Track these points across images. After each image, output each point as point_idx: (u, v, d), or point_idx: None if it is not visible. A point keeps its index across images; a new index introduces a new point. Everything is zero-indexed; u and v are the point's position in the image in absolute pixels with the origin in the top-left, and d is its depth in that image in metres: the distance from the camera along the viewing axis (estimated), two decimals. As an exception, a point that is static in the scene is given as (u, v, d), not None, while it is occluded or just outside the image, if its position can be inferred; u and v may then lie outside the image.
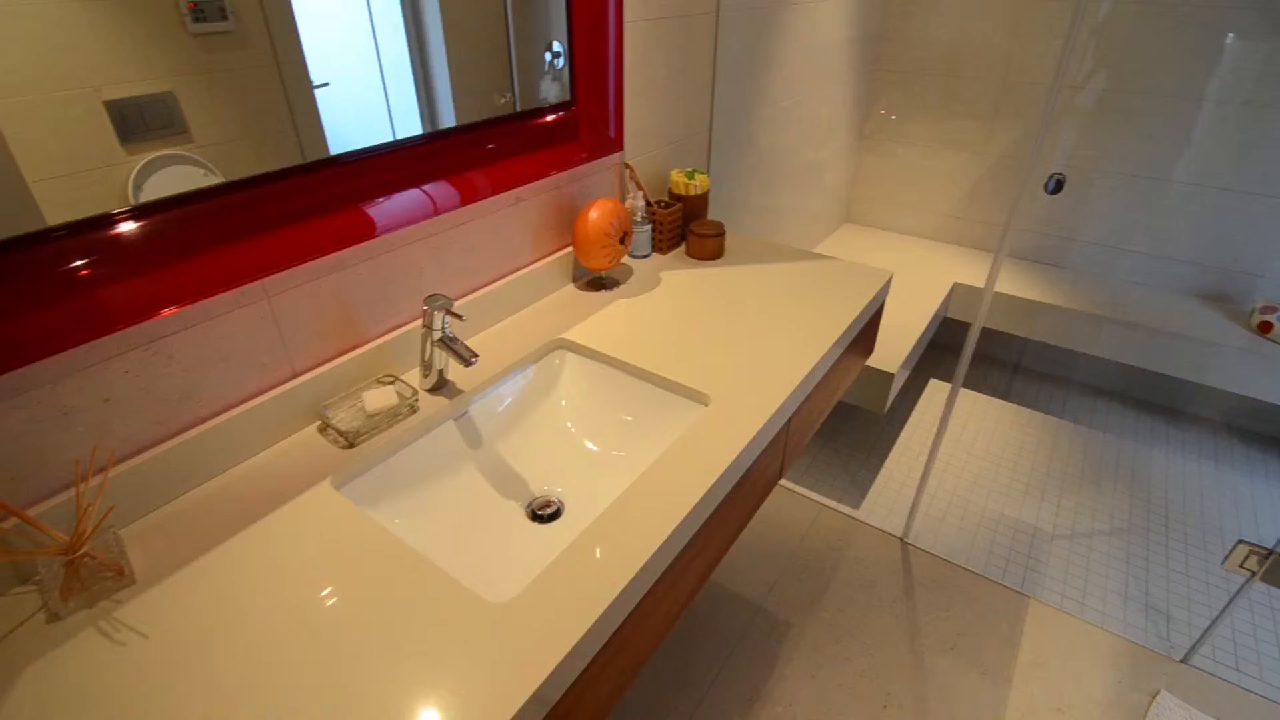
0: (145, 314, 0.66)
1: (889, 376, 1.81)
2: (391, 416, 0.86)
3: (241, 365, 0.79)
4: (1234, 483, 2.08)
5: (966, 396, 2.46)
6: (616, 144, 1.24)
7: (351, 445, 0.82)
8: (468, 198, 0.98)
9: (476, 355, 0.84)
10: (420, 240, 0.95)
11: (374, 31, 0.82)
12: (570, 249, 1.22)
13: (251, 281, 0.75)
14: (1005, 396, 2.47)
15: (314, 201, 0.79)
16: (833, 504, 1.97)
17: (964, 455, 2.17)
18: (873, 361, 1.84)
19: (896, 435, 2.27)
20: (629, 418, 0.99)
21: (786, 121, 1.91)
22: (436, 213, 0.94)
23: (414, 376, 0.97)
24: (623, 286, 1.22)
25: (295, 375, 0.85)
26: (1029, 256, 2.45)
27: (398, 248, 0.93)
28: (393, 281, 0.93)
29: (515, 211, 1.10)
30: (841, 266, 1.30)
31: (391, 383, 0.91)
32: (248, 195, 0.73)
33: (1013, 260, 2.45)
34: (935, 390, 2.51)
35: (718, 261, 1.32)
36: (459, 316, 0.85)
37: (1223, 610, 1.49)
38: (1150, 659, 1.55)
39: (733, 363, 0.99)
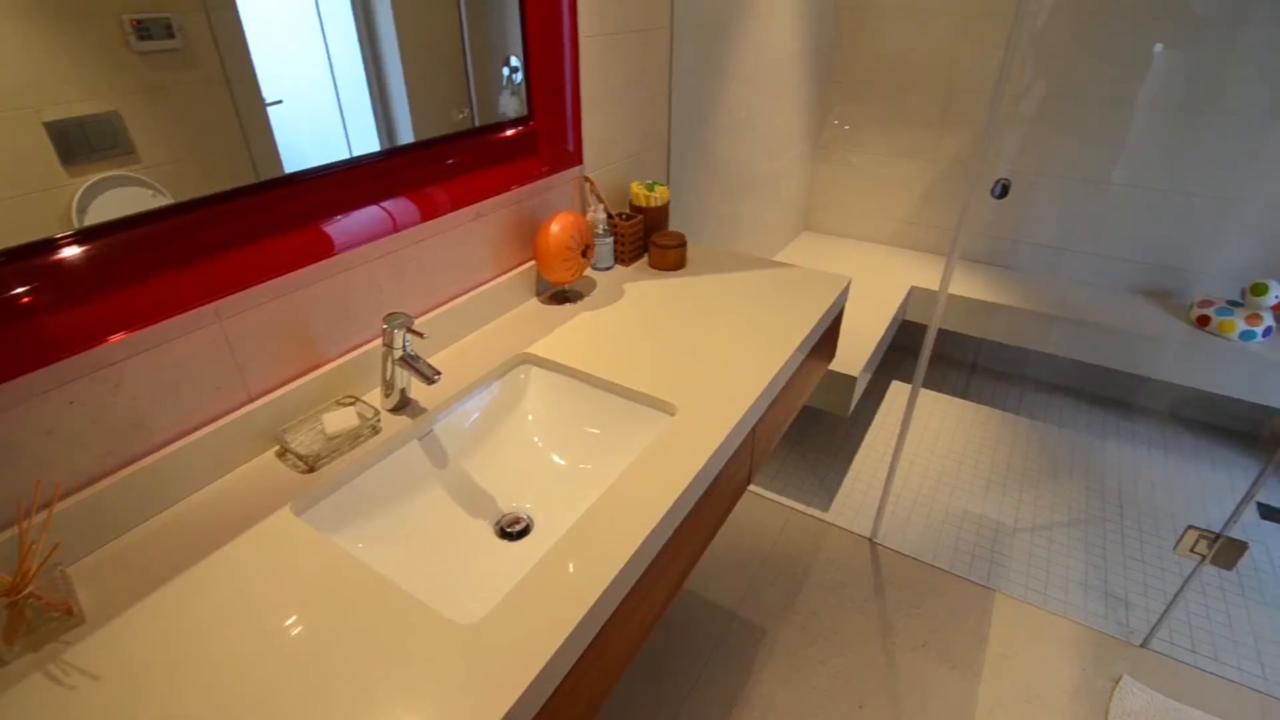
0: (90, 341, 0.64)
1: (851, 380, 1.84)
2: (353, 438, 0.85)
3: (194, 391, 0.77)
4: (1182, 470, 2.17)
5: (927, 396, 2.52)
6: (576, 158, 1.25)
7: (312, 469, 0.81)
8: (427, 214, 0.97)
9: (439, 373, 0.83)
10: (379, 258, 0.94)
11: (327, 48, 0.81)
12: (532, 263, 1.21)
13: (203, 305, 0.74)
14: (964, 395, 2.54)
15: (268, 221, 0.78)
16: (802, 508, 1.99)
17: (927, 454, 2.22)
18: (835, 365, 1.87)
19: (862, 437, 2.31)
20: (596, 430, 0.99)
21: (743, 133, 1.94)
22: (395, 230, 0.93)
23: (375, 396, 0.95)
24: (586, 299, 1.23)
25: (251, 399, 0.83)
26: (981, 259, 2.53)
27: (356, 266, 0.91)
28: (351, 300, 0.92)
29: (475, 227, 1.09)
30: (801, 274, 1.32)
31: (352, 404, 0.89)
32: (198, 216, 0.72)
33: (966, 263, 2.53)
34: (897, 391, 2.57)
35: (680, 272, 1.34)
36: (420, 334, 0.85)
37: (1177, 594, 1.55)
38: (1112, 645, 1.60)
39: (698, 372, 1.00)
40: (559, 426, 1.01)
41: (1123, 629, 1.64)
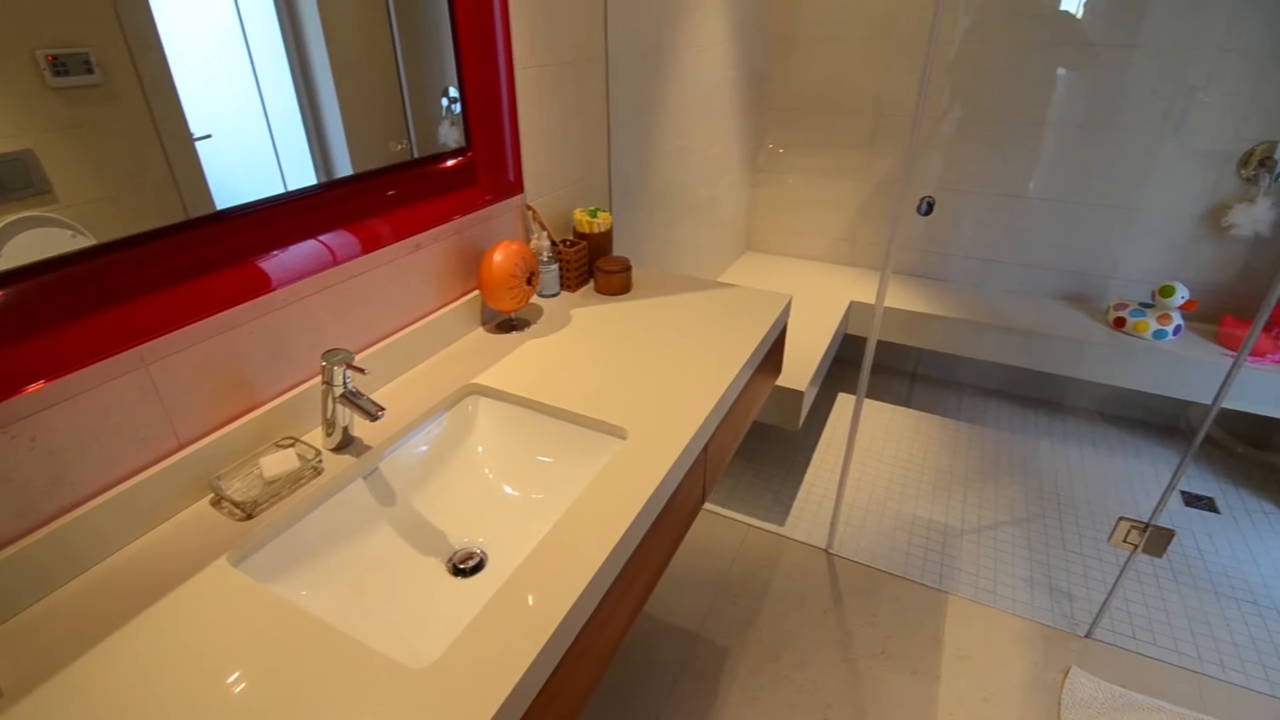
0: (3, 393, 0.60)
1: (799, 394, 1.89)
2: (293, 481, 0.82)
3: (118, 441, 0.73)
4: (1111, 464, 2.29)
5: (872, 406, 2.59)
6: (517, 187, 1.25)
7: (250, 516, 0.77)
8: (366, 247, 0.96)
9: (383, 409, 0.81)
10: (316, 294, 0.92)
11: (258, 80, 0.80)
12: (477, 293, 1.21)
13: (126, 349, 0.70)
14: (907, 403, 2.62)
15: (199, 259, 0.75)
16: (758, 523, 2.01)
17: (875, 462, 2.28)
18: (783, 381, 1.91)
19: (813, 449, 2.35)
20: (548, 459, 0.98)
21: (682, 158, 1.98)
22: (335, 263, 0.91)
23: (317, 436, 0.92)
24: (533, 326, 1.22)
25: (181, 447, 0.79)
26: (914, 272, 2.63)
27: (292, 302, 0.89)
28: (288, 338, 0.89)
29: (417, 258, 1.08)
30: (744, 293, 1.35)
31: (291, 445, 0.86)
32: (122, 257, 0.69)
33: (900, 276, 2.63)
34: (845, 403, 2.63)
35: (626, 296, 1.35)
36: (361, 370, 0.83)
37: (1115, 584, 1.62)
38: (1060, 638, 1.66)
39: (647, 394, 1.01)
40: (510, 457, 1.00)
41: (1068, 621, 1.70)
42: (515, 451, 1.00)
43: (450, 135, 1.11)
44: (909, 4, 2.22)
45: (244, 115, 0.79)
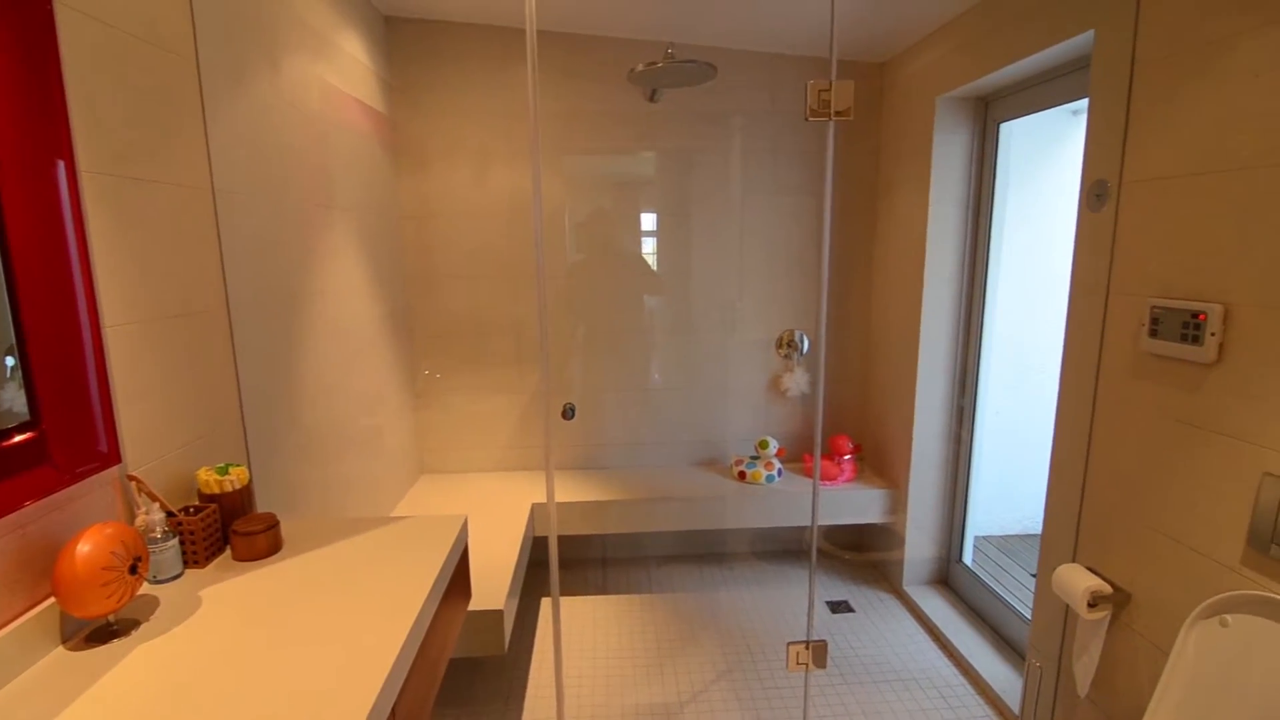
0: None
1: (498, 613, 1.80)
2: None
3: None
4: (774, 596, 2.65)
5: (572, 604, 2.60)
6: (111, 457, 1.05)
7: None
8: None
9: None
10: None
11: None
12: (52, 600, 0.92)
13: None
14: (603, 591, 2.70)
15: None
16: (482, 779, 1.76)
17: (590, 661, 2.24)
18: (476, 604, 1.81)
19: (529, 667, 2.22)
20: (176, 800, 0.74)
21: (333, 395, 1.91)
22: None
23: None
24: (146, 625, 0.97)
25: None
26: (580, 465, 2.87)
27: None
28: None
29: (-57, 578, 0.80)
30: (414, 524, 1.30)
31: None
32: None
33: (569, 471, 2.83)
34: (550, 609, 2.59)
35: (275, 557, 1.18)
36: None
37: (805, 708, 1.81)
38: (782, 780, 1.75)
39: (309, 672, 0.86)
40: (113, 820, 0.73)
41: (785, 759, 1.82)
42: (121, 810, 0.74)
43: (18, 401, 0.90)
44: (524, 246, 2.65)
45: None
